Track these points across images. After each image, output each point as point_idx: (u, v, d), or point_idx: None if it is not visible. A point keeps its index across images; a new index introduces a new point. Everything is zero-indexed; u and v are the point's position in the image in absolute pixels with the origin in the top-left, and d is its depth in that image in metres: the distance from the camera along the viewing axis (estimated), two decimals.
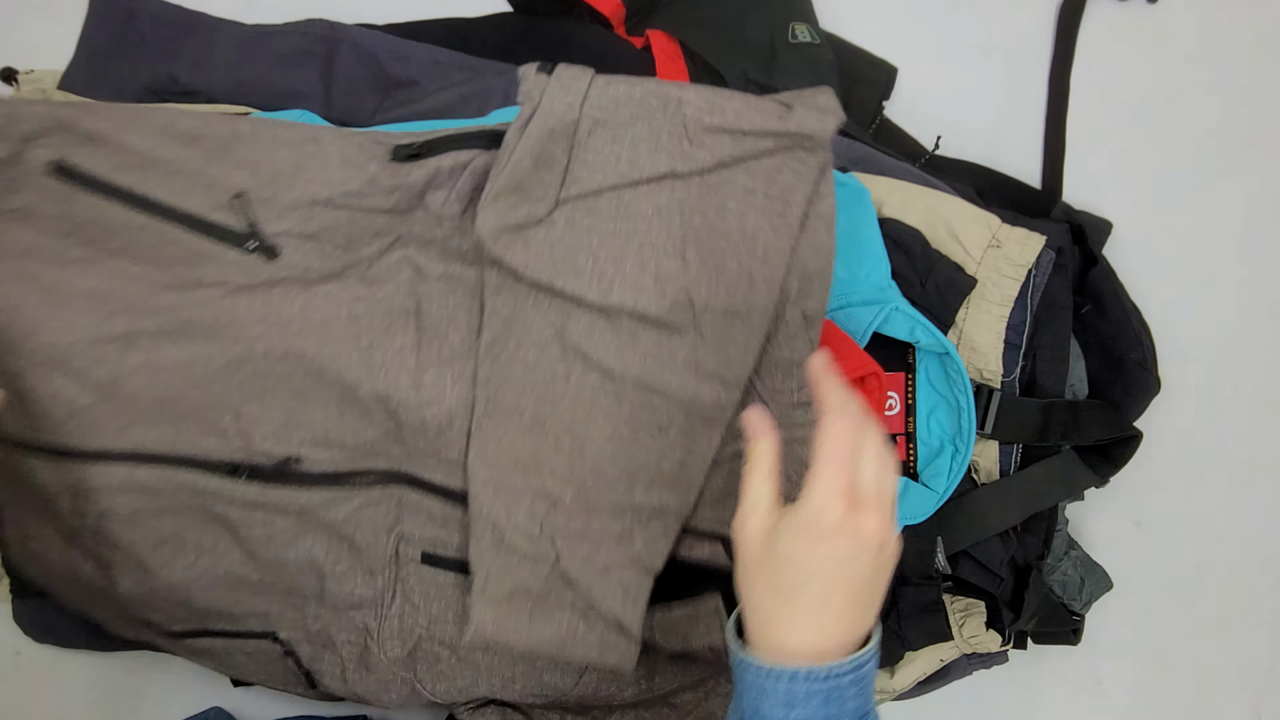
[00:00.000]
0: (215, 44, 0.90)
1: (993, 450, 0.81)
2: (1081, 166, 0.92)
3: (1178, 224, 0.92)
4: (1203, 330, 0.92)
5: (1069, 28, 0.93)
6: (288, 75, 0.88)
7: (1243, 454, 0.92)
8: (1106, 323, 0.84)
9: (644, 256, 0.64)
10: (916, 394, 0.81)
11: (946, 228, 0.80)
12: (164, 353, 0.67)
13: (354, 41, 0.89)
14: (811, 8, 0.91)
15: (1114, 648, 0.92)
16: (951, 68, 0.92)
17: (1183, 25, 0.93)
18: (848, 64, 0.91)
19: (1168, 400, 0.86)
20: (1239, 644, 0.92)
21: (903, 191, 0.81)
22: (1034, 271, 0.79)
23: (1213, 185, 0.93)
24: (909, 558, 0.79)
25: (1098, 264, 0.84)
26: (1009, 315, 0.79)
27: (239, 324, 0.67)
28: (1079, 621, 0.84)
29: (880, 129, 0.92)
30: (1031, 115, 0.93)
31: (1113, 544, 0.86)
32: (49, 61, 0.90)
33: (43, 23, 0.92)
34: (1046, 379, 0.81)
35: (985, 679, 0.84)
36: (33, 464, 0.69)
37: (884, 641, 0.80)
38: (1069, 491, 0.82)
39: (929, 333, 0.76)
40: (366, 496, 0.71)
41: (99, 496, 0.69)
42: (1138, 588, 0.90)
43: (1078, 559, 0.84)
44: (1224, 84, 0.93)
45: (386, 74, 0.89)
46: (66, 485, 0.69)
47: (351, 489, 0.71)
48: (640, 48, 0.89)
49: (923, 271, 0.80)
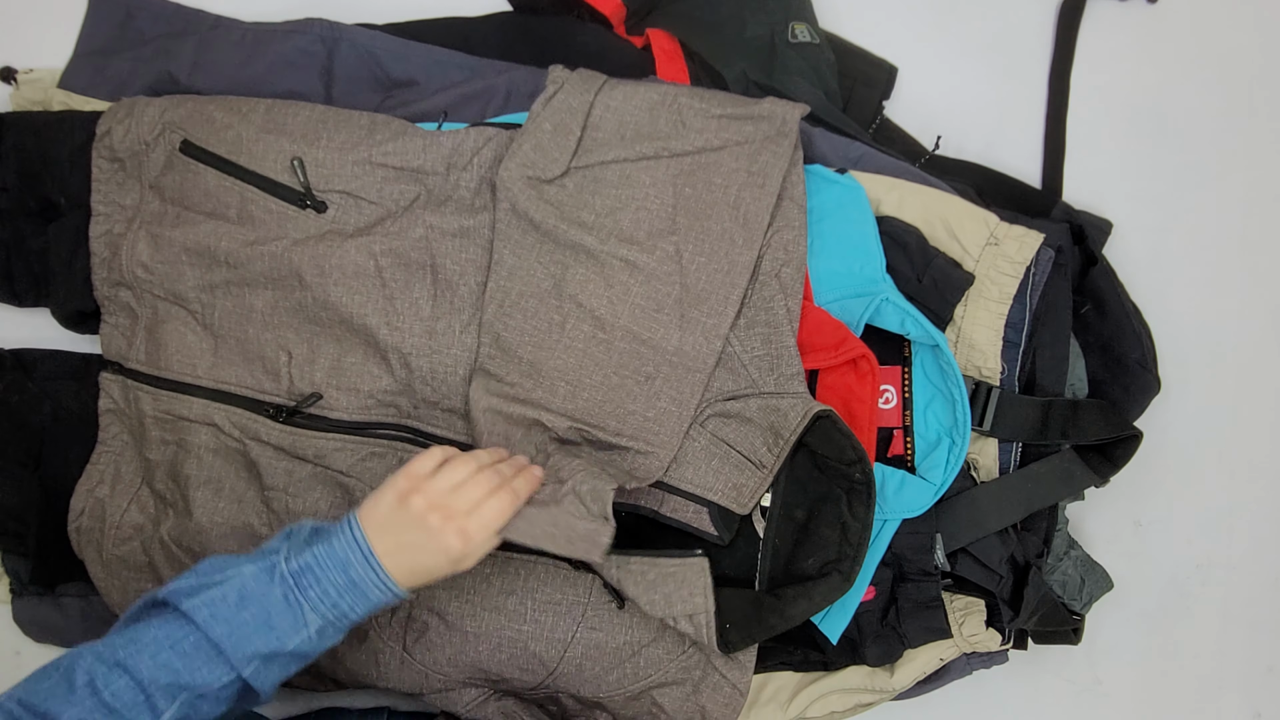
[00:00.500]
0: (215, 44, 0.90)
1: (992, 448, 0.81)
2: (1081, 166, 0.92)
3: (1178, 224, 0.92)
4: (1203, 330, 0.92)
5: (1069, 28, 0.93)
6: (288, 75, 0.88)
7: (1243, 454, 0.92)
8: (1106, 323, 0.84)
9: (639, 216, 0.77)
10: (913, 388, 0.81)
11: (944, 225, 0.80)
12: (248, 299, 0.81)
13: (354, 41, 0.89)
14: (811, 8, 0.91)
15: (1114, 648, 0.92)
16: (951, 68, 0.92)
17: (1183, 25, 0.93)
18: (848, 64, 0.91)
19: (1168, 400, 0.86)
20: (1239, 644, 0.92)
21: (901, 189, 0.81)
22: (1033, 269, 0.79)
23: (1213, 185, 0.93)
24: (907, 553, 0.79)
25: (1098, 264, 0.84)
26: (1008, 313, 0.79)
27: (297, 274, 0.79)
28: (1079, 621, 0.84)
29: (880, 129, 0.92)
30: (1031, 115, 0.93)
31: (1113, 544, 0.86)
32: (49, 61, 0.91)
33: (43, 23, 0.92)
34: (1046, 377, 0.81)
35: (985, 679, 0.84)
36: (141, 394, 0.83)
37: (883, 639, 0.80)
38: (1069, 490, 0.82)
39: (919, 325, 0.77)
40: (372, 448, 0.80)
41: (182, 427, 0.82)
42: (1138, 588, 0.90)
43: (1078, 559, 0.84)
44: (1224, 84, 0.93)
45: (387, 74, 0.89)
46: (163, 413, 0.83)
47: (360, 439, 0.80)
48: (640, 47, 0.89)
49: (920, 267, 0.80)
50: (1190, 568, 0.92)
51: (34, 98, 0.89)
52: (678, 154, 0.76)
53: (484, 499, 0.65)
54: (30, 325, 0.90)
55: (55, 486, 0.86)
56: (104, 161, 0.84)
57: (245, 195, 0.81)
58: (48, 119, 0.86)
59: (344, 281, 0.78)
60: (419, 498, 0.64)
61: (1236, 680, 0.92)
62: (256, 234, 0.80)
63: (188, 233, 0.81)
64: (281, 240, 0.80)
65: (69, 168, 0.85)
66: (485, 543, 0.65)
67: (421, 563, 0.64)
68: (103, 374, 0.85)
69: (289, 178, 0.81)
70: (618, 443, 0.75)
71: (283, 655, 0.62)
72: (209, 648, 0.59)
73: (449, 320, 0.78)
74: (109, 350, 0.85)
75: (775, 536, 0.76)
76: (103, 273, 0.84)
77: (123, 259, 0.82)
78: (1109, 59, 0.93)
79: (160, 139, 0.82)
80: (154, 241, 0.82)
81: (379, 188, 0.81)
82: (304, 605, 0.61)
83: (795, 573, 0.75)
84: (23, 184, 0.86)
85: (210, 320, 0.82)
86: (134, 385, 0.84)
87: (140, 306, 0.84)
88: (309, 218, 0.81)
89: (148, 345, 0.83)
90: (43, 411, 0.87)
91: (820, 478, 0.76)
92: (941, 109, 0.82)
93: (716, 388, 0.76)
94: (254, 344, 0.81)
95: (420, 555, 0.64)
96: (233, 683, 0.60)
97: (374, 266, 0.79)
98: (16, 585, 0.88)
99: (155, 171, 0.83)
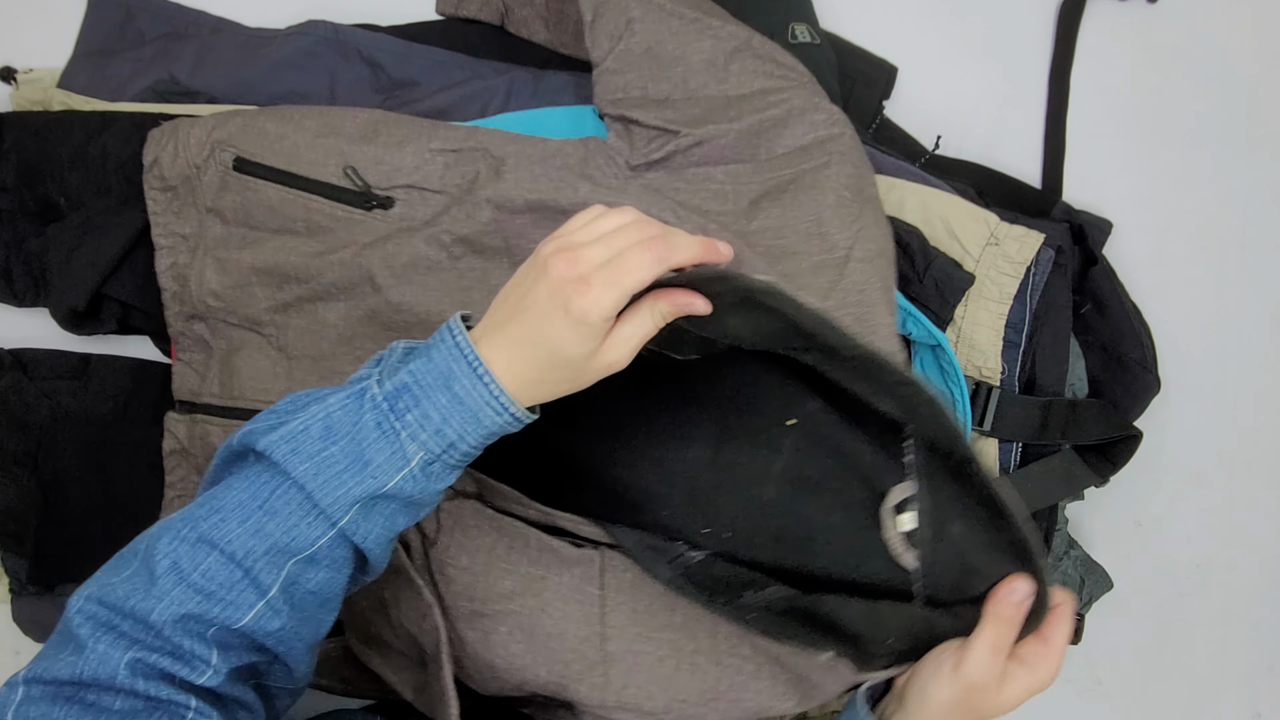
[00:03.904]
0: (216, 45, 0.90)
1: (992, 448, 0.81)
2: (1081, 166, 0.92)
3: (1178, 224, 0.92)
4: (1203, 330, 0.92)
5: (1069, 28, 0.93)
6: (289, 76, 0.88)
7: (1243, 454, 0.92)
8: (1106, 323, 0.84)
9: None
10: None
11: (944, 225, 0.80)
12: (320, 313, 0.78)
13: (355, 42, 0.89)
14: (811, 8, 0.91)
15: (1114, 648, 0.92)
16: (951, 68, 0.92)
17: (1183, 25, 0.93)
18: (848, 64, 0.91)
19: (1168, 400, 0.86)
20: (1239, 644, 0.92)
21: (900, 189, 0.81)
22: (1033, 269, 0.79)
23: (1213, 185, 0.93)
24: None
25: (1098, 264, 0.84)
26: (1008, 313, 0.79)
27: (369, 278, 0.76)
28: (1079, 621, 0.84)
29: (880, 129, 0.92)
30: (1031, 115, 0.93)
31: (1113, 544, 0.86)
32: (49, 61, 0.91)
33: (43, 23, 0.92)
34: (1046, 377, 0.81)
35: None
36: (210, 428, 0.80)
37: None
38: (1068, 490, 0.81)
39: (920, 324, 0.77)
40: None
41: None
42: (1138, 588, 0.90)
43: (1078, 559, 0.84)
44: (1224, 84, 0.93)
45: (388, 74, 0.89)
46: None
47: None
48: None
49: (920, 267, 0.80)
50: (1190, 568, 0.92)
51: (34, 98, 0.89)
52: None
53: (628, 250, 0.50)
54: (30, 325, 0.90)
55: (54, 486, 0.86)
56: (156, 192, 0.82)
57: (310, 205, 0.79)
58: (48, 119, 0.86)
59: (416, 278, 0.76)
60: (551, 245, 0.51)
61: (1236, 680, 0.92)
62: (326, 243, 0.79)
63: (255, 253, 0.79)
64: (351, 246, 0.78)
65: (69, 168, 0.85)
66: (608, 298, 0.49)
67: (543, 367, 0.51)
68: (169, 414, 0.83)
69: (348, 181, 0.79)
70: None
71: (385, 500, 0.51)
72: (299, 495, 0.50)
73: None
74: (180, 390, 0.83)
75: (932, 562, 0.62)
76: (175, 307, 0.82)
77: (192, 289, 0.80)
78: (1109, 59, 0.93)
79: (210, 160, 0.80)
80: (221, 267, 0.80)
81: (441, 174, 0.79)
82: (401, 434, 0.50)
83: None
84: (23, 184, 0.86)
85: (284, 341, 0.80)
86: (202, 420, 0.81)
87: (215, 338, 0.82)
88: (376, 218, 0.79)
89: (221, 376, 0.81)
90: (42, 411, 0.87)
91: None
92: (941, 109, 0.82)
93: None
94: (328, 359, 0.79)
95: (537, 351, 0.50)
96: (336, 539, 0.50)
97: (446, 258, 0.77)
98: (16, 585, 0.88)
99: (211, 194, 0.81)
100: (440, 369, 0.50)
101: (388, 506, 0.51)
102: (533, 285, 0.51)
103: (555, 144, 0.78)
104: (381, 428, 0.50)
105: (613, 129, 0.79)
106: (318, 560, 0.50)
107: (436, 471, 0.51)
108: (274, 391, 0.80)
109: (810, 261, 0.72)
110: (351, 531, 0.50)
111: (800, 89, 0.77)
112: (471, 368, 0.50)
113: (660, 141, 0.76)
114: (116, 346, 0.90)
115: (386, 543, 0.53)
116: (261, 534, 0.49)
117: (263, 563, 0.49)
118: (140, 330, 0.89)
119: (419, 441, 0.50)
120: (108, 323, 0.87)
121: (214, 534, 0.49)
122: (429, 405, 0.50)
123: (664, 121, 0.76)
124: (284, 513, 0.49)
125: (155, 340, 0.89)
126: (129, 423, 0.87)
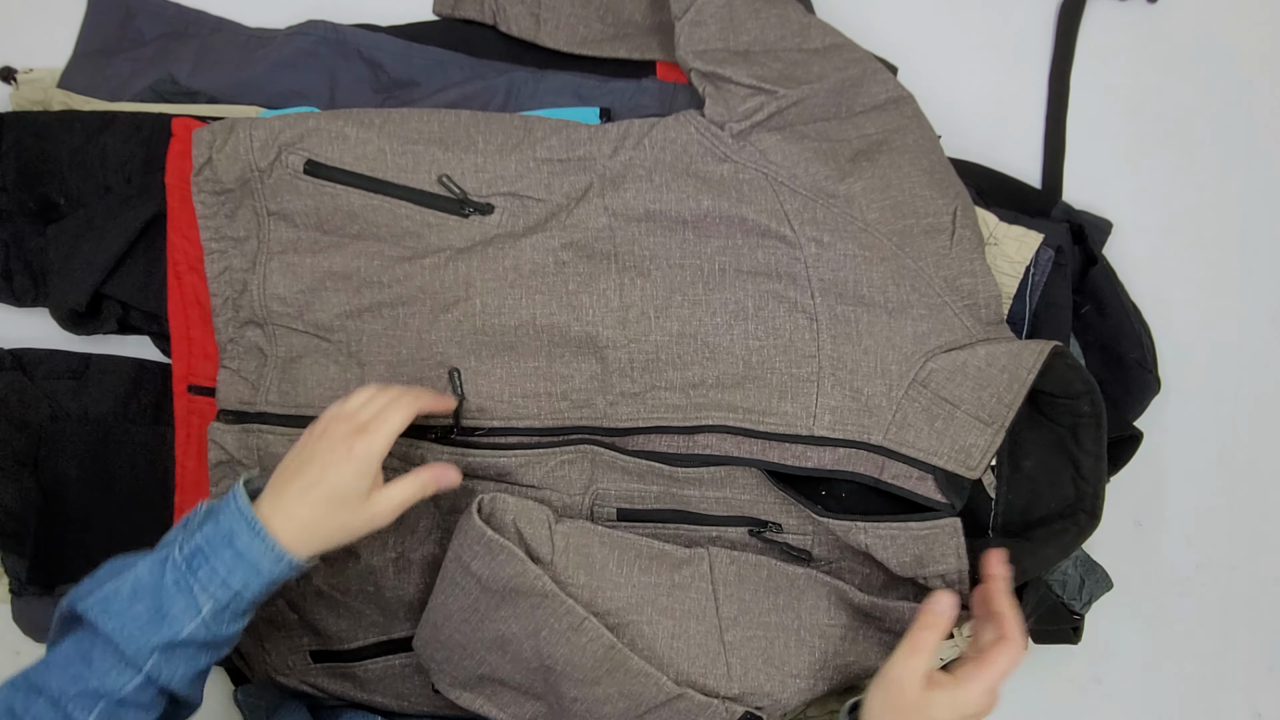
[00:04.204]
0: (216, 45, 0.90)
1: None
2: (1081, 166, 0.92)
3: (1178, 224, 0.92)
4: (1203, 330, 0.92)
5: (1069, 28, 0.93)
6: (289, 76, 0.88)
7: (1243, 454, 0.92)
8: (1106, 322, 0.84)
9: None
10: None
11: None
12: (402, 318, 0.78)
13: (355, 42, 0.89)
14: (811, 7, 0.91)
15: (1114, 648, 0.92)
16: (951, 68, 0.92)
17: (1183, 25, 0.93)
18: None
19: (1168, 400, 0.86)
20: (1239, 644, 0.92)
21: None
22: (1032, 269, 0.79)
23: (1213, 185, 0.93)
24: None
25: (1098, 264, 0.84)
26: (1008, 313, 0.79)
27: (461, 284, 0.76)
28: (1079, 621, 0.84)
29: None
30: (1031, 115, 0.93)
31: (1113, 544, 0.86)
32: (49, 61, 0.91)
33: (43, 23, 0.92)
34: None
35: None
36: (272, 438, 0.79)
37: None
38: None
39: None
40: (563, 456, 0.76)
41: None
42: (1138, 588, 0.90)
43: (1078, 559, 0.84)
44: (1224, 84, 0.93)
45: (388, 74, 0.89)
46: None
47: (545, 450, 0.75)
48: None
49: None
50: (1190, 568, 0.92)
51: (34, 98, 0.89)
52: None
53: (387, 404, 0.66)
54: (30, 325, 0.90)
55: (54, 486, 0.86)
56: (207, 195, 0.79)
57: (397, 211, 0.78)
58: (48, 119, 0.86)
59: (520, 283, 0.76)
60: (327, 417, 0.66)
61: (1236, 680, 0.92)
62: (412, 248, 0.78)
63: (331, 258, 0.78)
64: (443, 251, 0.77)
65: (69, 168, 0.85)
66: (380, 437, 0.64)
67: (322, 508, 0.63)
68: (213, 425, 0.80)
69: (442, 189, 0.78)
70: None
71: (182, 645, 0.59)
72: (109, 648, 0.58)
73: (640, 309, 0.76)
74: (226, 400, 0.80)
75: (1008, 492, 0.74)
76: (228, 313, 0.80)
77: (254, 293, 0.78)
78: (1109, 59, 0.93)
79: (277, 163, 0.78)
80: (290, 271, 0.78)
81: (546, 183, 0.78)
82: (194, 588, 0.59)
83: (1034, 521, 0.73)
84: (23, 184, 0.86)
85: (357, 347, 0.78)
86: (260, 430, 0.79)
87: (271, 345, 0.79)
88: (474, 224, 0.78)
89: (281, 384, 0.79)
90: (42, 411, 0.87)
91: (1040, 419, 0.74)
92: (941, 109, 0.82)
93: (934, 342, 0.73)
94: (408, 364, 0.77)
95: (319, 492, 0.63)
96: (144, 683, 0.59)
97: (553, 262, 0.76)
98: (16, 585, 0.88)
99: (276, 197, 0.78)
100: (224, 530, 0.61)
101: (187, 650, 0.60)
102: (315, 444, 0.64)
103: (659, 134, 0.77)
104: (179, 585, 0.59)
105: (707, 95, 0.79)
106: (127, 703, 0.58)
107: (227, 618, 0.61)
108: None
109: (921, 225, 0.75)
110: (156, 675, 0.59)
111: (860, 49, 0.80)
112: (250, 526, 0.61)
113: (758, 101, 0.77)
114: (116, 346, 0.90)
115: (193, 682, 0.62)
116: (78, 680, 0.58)
117: (76, 704, 0.57)
118: (140, 330, 0.89)
119: (209, 593, 0.60)
120: (108, 323, 0.87)
121: (41, 681, 0.58)
122: (216, 561, 0.60)
123: (757, 80, 0.77)
124: (98, 662, 0.58)
125: (155, 340, 0.89)
126: (129, 423, 0.87)
